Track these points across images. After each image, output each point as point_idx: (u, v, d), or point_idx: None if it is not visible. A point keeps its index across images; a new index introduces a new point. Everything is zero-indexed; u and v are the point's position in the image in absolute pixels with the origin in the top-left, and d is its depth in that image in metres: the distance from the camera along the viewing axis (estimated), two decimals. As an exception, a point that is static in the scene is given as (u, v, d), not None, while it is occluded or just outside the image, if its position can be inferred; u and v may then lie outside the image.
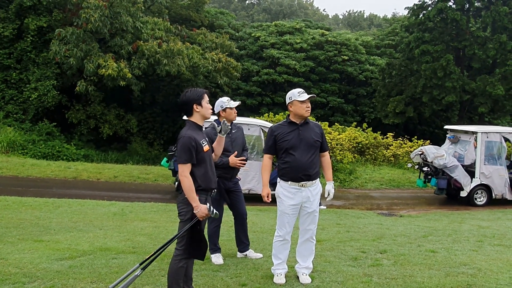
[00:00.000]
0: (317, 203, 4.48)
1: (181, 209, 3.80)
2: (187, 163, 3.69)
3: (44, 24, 18.64)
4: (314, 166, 4.39)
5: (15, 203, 8.93)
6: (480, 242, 6.44)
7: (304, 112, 4.38)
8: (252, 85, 25.34)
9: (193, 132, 3.79)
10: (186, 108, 3.86)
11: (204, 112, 3.86)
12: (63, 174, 13.53)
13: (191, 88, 3.94)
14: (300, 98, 4.37)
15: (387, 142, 17.66)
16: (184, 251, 3.74)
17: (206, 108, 3.87)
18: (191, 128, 3.82)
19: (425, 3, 22.63)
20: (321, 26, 31.28)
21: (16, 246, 5.65)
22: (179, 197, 3.84)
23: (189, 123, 3.87)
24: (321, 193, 4.54)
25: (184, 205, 3.76)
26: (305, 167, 4.33)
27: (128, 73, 17.02)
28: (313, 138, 4.40)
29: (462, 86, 20.81)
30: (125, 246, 5.86)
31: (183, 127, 3.91)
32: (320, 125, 4.62)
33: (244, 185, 11.04)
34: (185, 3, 25.98)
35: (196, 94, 3.84)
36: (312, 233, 4.50)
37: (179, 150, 3.71)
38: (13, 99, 18.90)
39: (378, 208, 11.22)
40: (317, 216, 4.50)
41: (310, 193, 4.40)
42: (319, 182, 4.52)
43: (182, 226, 3.78)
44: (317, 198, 4.46)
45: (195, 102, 3.82)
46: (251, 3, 61.99)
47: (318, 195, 4.48)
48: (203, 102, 3.85)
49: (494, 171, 11.58)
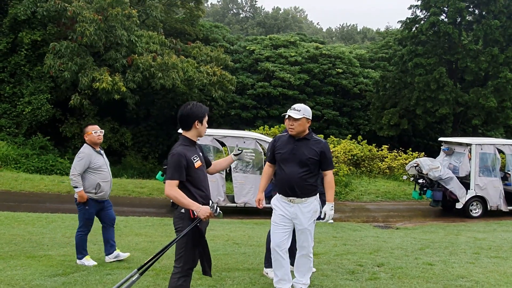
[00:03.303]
0: (308, 221, 4.31)
1: (178, 225, 3.69)
2: (174, 180, 3.57)
3: (38, 38, 18.66)
4: (304, 184, 4.22)
5: (8, 219, 8.81)
6: (477, 254, 6.42)
7: (289, 129, 4.33)
8: (247, 98, 25.41)
9: (185, 148, 3.67)
10: (186, 122, 3.72)
11: (202, 130, 3.77)
12: (56, 189, 13.40)
13: (194, 103, 3.80)
14: (286, 116, 4.36)
15: (382, 155, 17.70)
16: (182, 268, 3.63)
17: (204, 127, 3.78)
18: (183, 144, 3.70)
19: (417, 16, 22.92)
20: (315, 39, 31.55)
21: (8, 263, 5.55)
22: (175, 213, 3.74)
23: (183, 138, 3.75)
24: (317, 211, 4.36)
25: (181, 220, 3.66)
26: (292, 183, 4.22)
27: (122, 87, 17.02)
28: (306, 155, 4.22)
29: (455, 99, 21.00)
30: (120, 261, 5.77)
31: (177, 142, 3.82)
32: (324, 143, 4.37)
33: (240, 198, 11.01)
34: (180, 17, 26.16)
35: (201, 111, 3.73)
36: (307, 250, 4.39)
37: (168, 166, 3.60)
38: (6, 113, 18.80)
39: (374, 221, 11.19)
40: (308, 234, 4.34)
41: (300, 210, 4.27)
42: (315, 201, 4.36)
43: (181, 242, 3.63)
44: (307, 217, 4.29)
45: (197, 119, 3.71)
46: (246, 16, 62.53)
47: (310, 213, 4.30)
48: (204, 120, 3.75)
49: (489, 182, 11.62)
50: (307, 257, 4.42)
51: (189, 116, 3.70)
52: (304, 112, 4.29)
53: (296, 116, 4.24)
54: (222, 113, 24.60)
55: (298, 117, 4.24)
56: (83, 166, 5.45)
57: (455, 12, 21.18)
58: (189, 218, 3.61)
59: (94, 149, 5.59)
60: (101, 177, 5.53)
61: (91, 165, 5.49)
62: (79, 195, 5.47)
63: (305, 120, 4.29)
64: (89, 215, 5.61)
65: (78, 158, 5.50)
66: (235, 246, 6.85)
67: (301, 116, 4.24)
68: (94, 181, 5.48)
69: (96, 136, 5.54)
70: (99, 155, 5.62)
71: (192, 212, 3.58)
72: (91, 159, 5.49)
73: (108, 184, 5.62)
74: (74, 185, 5.47)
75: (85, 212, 5.58)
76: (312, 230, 4.40)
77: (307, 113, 4.32)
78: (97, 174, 5.52)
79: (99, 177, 5.51)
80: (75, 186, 5.47)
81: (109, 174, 5.69)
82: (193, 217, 3.59)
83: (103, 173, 5.57)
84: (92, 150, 5.56)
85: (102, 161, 5.62)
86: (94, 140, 5.55)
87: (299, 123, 4.26)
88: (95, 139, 5.55)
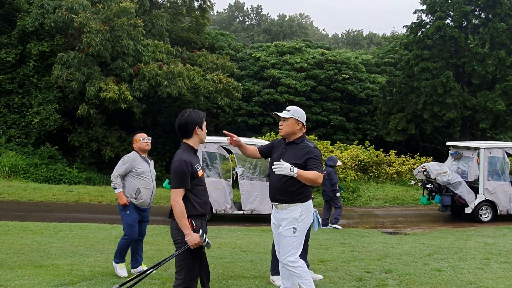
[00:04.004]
0: (286, 227, 4.06)
1: (177, 237, 3.63)
2: (180, 188, 3.53)
3: (46, 49, 18.89)
4: (286, 190, 4.02)
5: (16, 228, 8.87)
6: (486, 260, 6.34)
7: (279, 130, 4.24)
8: (253, 105, 25.46)
9: (189, 155, 3.62)
10: (186, 130, 3.68)
11: (202, 135, 3.73)
12: (64, 198, 13.48)
13: (190, 110, 3.77)
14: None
15: (390, 160, 17.61)
16: (184, 280, 3.59)
17: (205, 132, 3.76)
18: (186, 151, 3.65)
19: (423, 21, 22.88)
20: (321, 45, 31.59)
21: (16, 272, 5.58)
22: (172, 224, 3.66)
23: (185, 145, 3.70)
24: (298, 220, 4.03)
25: (178, 231, 3.59)
26: (275, 188, 4.10)
27: (129, 96, 17.14)
28: (291, 161, 3.96)
29: (462, 102, 20.87)
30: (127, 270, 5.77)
31: (178, 150, 3.73)
32: (311, 148, 4.06)
33: (247, 205, 10.99)
34: (186, 26, 26.35)
35: (199, 117, 3.69)
36: (283, 259, 4.08)
37: (173, 175, 3.54)
38: (15, 123, 19.01)
39: (382, 227, 11.10)
40: (285, 241, 4.05)
41: (280, 216, 4.11)
42: (299, 208, 4.05)
43: (182, 254, 3.61)
44: (285, 222, 4.06)
45: (197, 125, 3.67)
46: (251, 24, 62.82)
47: (289, 220, 4.05)
48: (203, 125, 3.72)
49: (498, 186, 11.50)
50: (287, 266, 4.08)
51: (188, 123, 3.66)
52: (294, 113, 4.14)
53: (284, 115, 4.13)
54: (229, 121, 24.66)
55: (286, 116, 4.12)
56: (125, 169, 5.47)
57: (460, 15, 21.11)
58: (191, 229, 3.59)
59: (141, 155, 5.60)
60: (143, 183, 5.51)
61: (134, 169, 5.49)
62: (118, 196, 5.48)
63: (294, 121, 4.12)
64: (131, 221, 5.49)
65: (121, 161, 5.55)
66: (242, 254, 6.83)
67: (290, 116, 4.11)
68: (135, 185, 5.46)
69: (144, 143, 5.56)
70: (144, 162, 5.60)
71: (191, 223, 3.55)
72: (134, 164, 5.50)
73: (149, 192, 5.57)
74: (113, 186, 5.49)
75: (127, 218, 5.49)
76: (291, 239, 4.03)
77: (298, 114, 4.15)
78: (139, 179, 5.50)
79: (140, 182, 5.49)
80: (114, 187, 5.49)
81: (151, 182, 5.61)
82: (193, 228, 3.56)
83: (145, 179, 5.53)
84: (137, 156, 5.58)
85: (146, 168, 5.59)
86: (142, 147, 5.57)
87: (287, 123, 4.12)
88: (143, 145, 5.57)
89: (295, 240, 4.05)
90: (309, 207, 4.12)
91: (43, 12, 18.20)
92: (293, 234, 4.04)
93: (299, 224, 4.05)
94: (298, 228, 4.05)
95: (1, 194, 13.50)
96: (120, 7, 17.35)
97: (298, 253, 4.07)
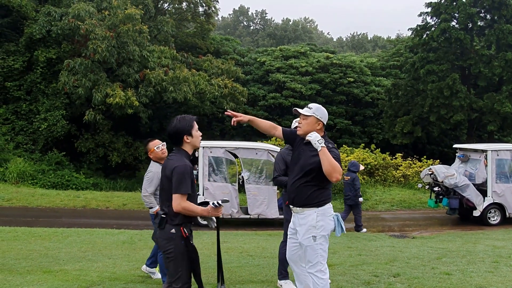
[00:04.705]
0: (303, 235, 3.87)
1: (168, 248, 3.48)
2: (186, 193, 3.45)
3: (53, 56, 19.05)
4: (300, 193, 3.84)
5: (25, 234, 8.93)
6: (495, 263, 6.29)
7: (297, 128, 4.00)
8: (259, 109, 25.49)
9: (187, 160, 3.55)
10: (176, 139, 3.59)
11: (194, 142, 3.62)
12: (72, 203, 13.55)
13: (179, 117, 3.64)
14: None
15: (396, 163, 17.52)
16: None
17: (196, 137, 3.62)
18: (184, 156, 3.57)
19: (428, 23, 22.83)
20: (325, 49, 31.62)
21: (25, 278, 5.61)
22: (159, 234, 3.54)
23: (181, 151, 3.61)
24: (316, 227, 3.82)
25: (168, 241, 3.48)
26: (290, 190, 3.97)
27: (135, 101, 17.23)
28: (308, 162, 3.81)
29: (469, 105, 20.77)
30: (134, 275, 5.79)
31: (172, 154, 3.64)
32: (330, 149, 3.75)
33: (253, 210, 10.99)
34: (191, 31, 26.50)
35: (187, 124, 3.57)
36: (313, 270, 3.84)
37: (178, 180, 3.43)
38: (23, 130, 19.16)
39: (389, 230, 11.05)
40: (309, 251, 3.86)
41: (297, 221, 3.92)
42: (314, 214, 3.84)
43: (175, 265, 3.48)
44: (303, 230, 3.86)
45: (185, 133, 3.56)
46: (256, 29, 63.02)
47: (306, 227, 3.84)
48: (193, 131, 3.60)
49: (507, 189, 11.41)
50: (313, 276, 3.86)
51: (176, 132, 3.57)
52: (315, 111, 3.89)
53: (304, 112, 3.90)
54: (234, 125, 24.67)
55: (307, 114, 3.88)
56: (154, 185, 5.21)
57: (466, 17, 21.05)
58: (182, 238, 3.48)
59: (161, 164, 5.25)
60: None
61: None
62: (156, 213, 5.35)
63: (315, 120, 3.87)
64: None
65: (146, 178, 5.32)
66: (249, 258, 6.83)
67: (310, 114, 3.87)
68: None
69: (159, 151, 5.33)
70: None
71: (184, 231, 3.47)
72: (160, 176, 5.31)
73: None
74: (149, 206, 5.33)
75: None
76: (314, 248, 3.84)
77: (319, 113, 3.89)
78: None
79: None
80: (149, 207, 5.33)
81: None
82: (186, 236, 3.48)
83: None
84: (159, 166, 5.24)
85: None
86: (159, 156, 5.32)
87: (307, 121, 3.87)
88: (160, 154, 5.32)
89: (318, 248, 3.84)
90: (326, 212, 3.87)
91: (50, 19, 18.38)
92: (314, 242, 3.83)
93: (317, 232, 3.83)
94: (317, 236, 3.83)
95: (10, 200, 13.60)
96: (126, 14, 17.49)
97: (325, 262, 3.88)
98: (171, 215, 3.49)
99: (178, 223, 3.48)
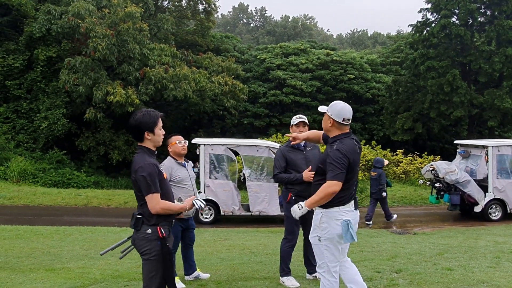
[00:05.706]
0: (312, 234, 3.90)
1: (145, 248, 3.36)
2: (157, 192, 3.32)
3: (53, 54, 19.03)
4: (313, 191, 3.83)
5: (27, 232, 8.95)
6: (497, 259, 6.30)
7: None
8: (259, 106, 25.46)
9: (150, 158, 3.40)
10: (137, 134, 3.42)
11: (156, 139, 3.45)
12: (73, 202, 13.57)
13: (143, 111, 3.47)
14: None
15: (397, 159, 17.54)
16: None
17: (158, 136, 3.45)
18: (147, 155, 3.42)
19: (428, 19, 22.77)
20: (325, 46, 31.54)
21: (28, 276, 5.63)
22: (137, 235, 3.39)
23: (142, 149, 3.44)
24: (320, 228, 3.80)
25: (147, 241, 3.35)
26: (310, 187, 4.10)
27: (136, 99, 17.23)
28: (318, 165, 3.99)
29: (470, 101, 20.75)
30: (137, 272, 5.79)
31: (136, 154, 3.46)
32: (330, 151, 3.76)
33: (255, 207, 11.00)
34: (191, 29, 26.46)
35: (150, 120, 3.39)
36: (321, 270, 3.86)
37: (144, 181, 3.28)
38: (23, 128, 19.16)
39: (391, 226, 11.06)
40: (314, 250, 3.92)
41: (309, 217, 4.05)
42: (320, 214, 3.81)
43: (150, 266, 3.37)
44: (311, 228, 3.93)
45: (147, 129, 3.39)
46: (256, 26, 62.92)
47: (313, 226, 3.90)
48: (156, 129, 3.42)
49: (508, 184, 11.41)
50: (320, 275, 3.91)
51: (138, 126, 3.40)
52: (329, 107, 3.83)
53: (320, 109, 3.96)
54: (235, 122, 24.68)
55: (321, 111, 3.92)
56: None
57: (466, 13, 20.99)
58: (158, 238, 3.35)
59: (177, 160, 5.20)
60: (184, 191, 5.06)
61: (172, 178, 5.03)
62: None
63: (327, 117, 3.79)
64: (174, 233, 4.85)
65: None
66: (251, 255, 6.84)
67: (324, 111, 3.85)
68: (176, 195, 4.75)
69: (180, 146, 5.15)
70: (181, 168, 5.18)
71: (160, 231, 3.35)
72: (172, 172, 5.06)
73: None
74: None
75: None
76: (319, 248, 3.83)
77: (331, 110, 3.79)
78: (179, 188, 5.05)
79: (181, 191, 5.03)
80: None
81: (192, 188, 5.20)
82: (162, 236, 3.36)
83: (185, 187, 5.12)
84: (174, 162, 5.16)
85: (185, 174, 5.17)
86: (178, 151, 5.16)
87: (323, 119, 3.85)
88: (179, 149, 5.16)
89: (324, 250, 3.78)
90: (332, 215, 3.73)
91: (49, 18, 18.35)
92: (319, 243, 3.80)
93: (322, 233, 3.76)
94: (322, 237, 3.77)
95: (11, 198, 13.63)
96: (126, 12, 17.46)
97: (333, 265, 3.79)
98: (147, 215, 3.38)
99: (154, 223, 3.37)
